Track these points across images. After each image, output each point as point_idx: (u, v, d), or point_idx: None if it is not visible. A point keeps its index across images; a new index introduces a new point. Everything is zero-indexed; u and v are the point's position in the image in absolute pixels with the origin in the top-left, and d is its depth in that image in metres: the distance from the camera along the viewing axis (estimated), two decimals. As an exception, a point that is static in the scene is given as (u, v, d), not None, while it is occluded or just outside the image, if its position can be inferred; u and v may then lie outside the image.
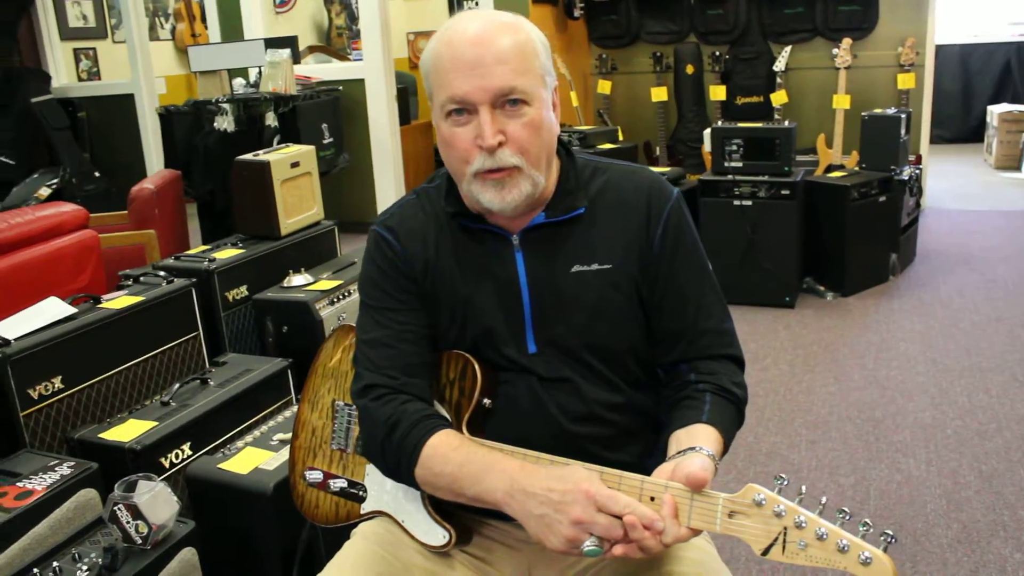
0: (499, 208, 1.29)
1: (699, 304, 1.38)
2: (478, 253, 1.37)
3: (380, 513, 1.45)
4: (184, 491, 2.26)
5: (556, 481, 1.16)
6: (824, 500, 1.07)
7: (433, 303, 1.39)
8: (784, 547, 1.05)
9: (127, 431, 2.33)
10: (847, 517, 1.04)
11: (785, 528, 1.05)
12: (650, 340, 1.40)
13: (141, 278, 2.99)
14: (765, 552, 1.05)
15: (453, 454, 1.27)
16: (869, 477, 2.87)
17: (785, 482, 1.09)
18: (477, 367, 1.36)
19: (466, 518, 1.41)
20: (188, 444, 2.39)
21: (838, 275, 4.68)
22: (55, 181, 6.88)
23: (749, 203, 4.46)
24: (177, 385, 2.57)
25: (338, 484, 1.52)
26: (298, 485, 1.58)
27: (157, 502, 1.91)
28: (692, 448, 1.18)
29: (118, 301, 2.76)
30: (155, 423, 2.36)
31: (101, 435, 2.30)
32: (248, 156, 3.43)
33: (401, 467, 1.31)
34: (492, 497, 1.21)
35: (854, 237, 4.58)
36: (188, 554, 1.96)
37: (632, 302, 1.36)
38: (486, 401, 1.36)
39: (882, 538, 1.02)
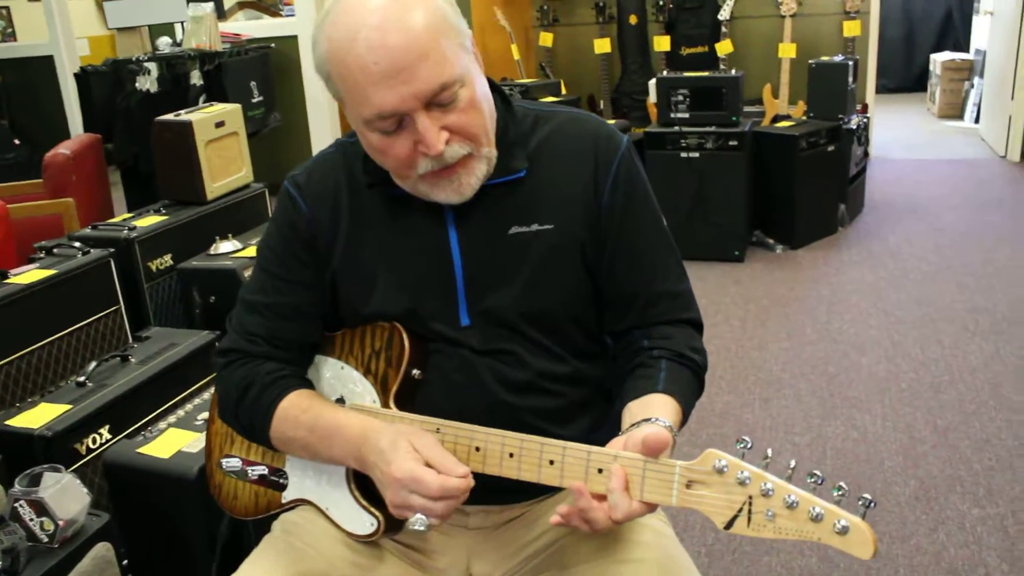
0: (460, 200, 1.16)
1: (653, 265, 1.25)
2: (402, 224, 1.23)
3: (303, 502, 1.31)
4: (103, 479, 2.10)
5: (379, 458, 1.11)
6: (793, 464, 0.95)
7: (341, 278, 1.26)
8: (750, 519, 0.93)
9: (37, 416, 2.16)
10: (819, 481, 0.93)
11: (750, 497, 0.94)
12: (600, 306, 1.27)
13: (55, 250, 2.81)
14: (728, 525, 0.94)
15: (303, 417, 1.19)
16: (825, 435, 2.80)
17: (748, 445, 0.97)
18: (405, 336, 1.22)
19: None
20: (107, 428, 2.23)
21: (787, 227, 4.61)
22: (-28, 149, 6.54)
23: (696, 155, 4.36)
24: (94, 364, 2.39)
25: (257, 471, 1.37)
26: (215, 474, 1.43)
27: (65, 496, 1.75)
28: (647, 420, 1.06)
29: (27, 275, 2.57)
30: (69, 406, 2.19)
31: (8, 422, 2.12)
32: (169, 116, 3.22)
33: (256, 432, 1.24)
34: (344, 463, 1.18)
35: (803, 188, 4.51)
36: (102, 550, 1.81)
37: (576, 266, 1.23)
38: (415, 372, 1.22)
39: (860, 503, 0.91)
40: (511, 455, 1.08)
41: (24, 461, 1.91)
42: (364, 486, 1.24)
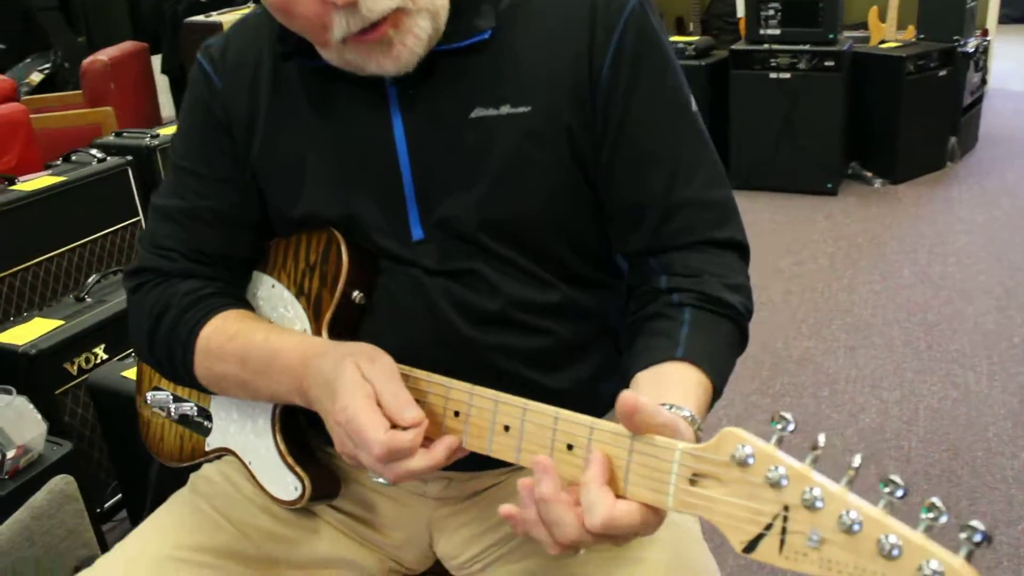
0: (398, 71, 0.84)
1: (672, 162, 0.90)
2: (336, 107, 0.92)
3: (227, 451, 1.04)
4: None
5: (323, 391, 0.83)
6: (858, 462, 0.59)
7: (263, 172, 0.96)
8: (783, 541, 0.59)
9: (26, 332, 1.99)
10: (898, 494, 0.57)
11: (786, 508, 0.59)
12: (600, 221, 0.94)
13: (73, 157, 2.63)
14: (749, 548, 0.61)
15: (230, 346, 0.91)
16: (918, 392, 2.43)
17: (790, 427, 0.62)
18: (343, 247, 0.92)
19: (335, 460, 0.99)
20: (102, 347, 2.05)
21: (888, 159, 4.13)
22: (47, 66, 6.47)
23: (787, 76, 3.92)
24: (95, 278, 2.18)
25: (180, 409, 1.10)
26: (143, 410, 1.16)
27: (17, 421, 1.54)
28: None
29: (35, 182, 2.39)
30: (61, 322, 2.00)
31: (-6, 337, 1.94)
32: (199, 18, 2.97)
33: (179, 370, 0.96)
34: (290, 401, 0.90)
35: (908, 116, 4.02)
36: (61, 483, 1.60)
37: (562, 162, 0.89)
38: (356, 295, 0.92)
39: (963, 535, 0.54)
40: (456, 413, 0.78)
41: (7, 381, 1.73)
42: (293, 436, 0.97)
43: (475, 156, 0.88)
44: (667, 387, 0.78)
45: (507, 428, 0.73)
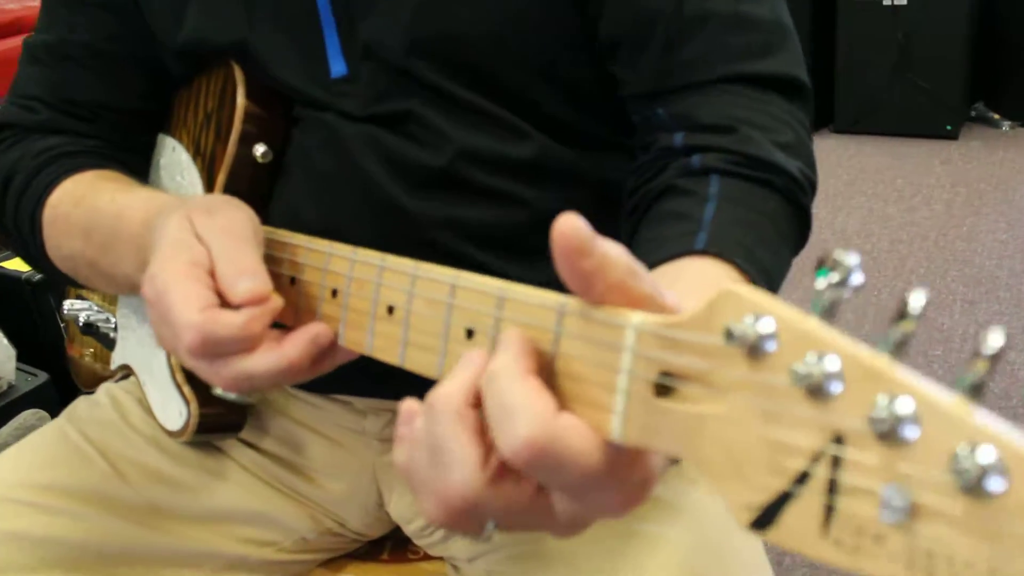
0: None
1: None
2: None
3: (130, 370, 0.80)
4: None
5: (158, 255, 0.55)
6: (998, 340, 0.27)
7: None
8: (831, 510, 0.29)
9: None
10: None
11: (839, 440, 0.29)
12: (595, 50, 0.66)
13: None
14: (762, 521, 0.31)
15: (76, 214, 0.68)
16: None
17: (853, 279, 0.31)
18: (239, 84, 0.67)
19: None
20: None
21: (1018, 98, 3.65)
22: None
23: (904, 2, 3.47)
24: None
25: (90, 316, 0.87)
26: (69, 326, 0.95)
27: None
28: None
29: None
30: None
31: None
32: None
33: (31, 252, 0.74)
34: (132, 285, 0.63)
35: (1046, 49, 3.53)
36: (32, 418, 1.42)
37: None
38: (258, 150, 0.68)
39: None
40: (334, 293, 0.51)
41: (8, 312, 1.60)
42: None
43: None
44: (681, 297, 0.50)
45: (391, 310, 0.46)
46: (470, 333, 0.41)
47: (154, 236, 0.56)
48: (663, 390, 0.34)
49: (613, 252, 0.36)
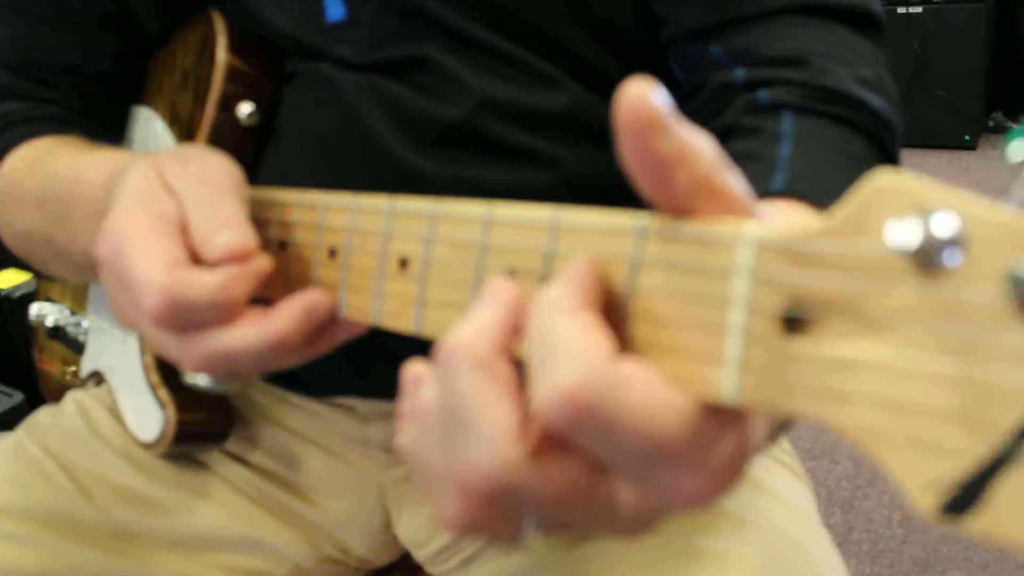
0: None
1: None
2: None
3: (100, 378, 0.71)
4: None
5: (116, 209, 0.45)
6: None
7: None
8: None
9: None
10: None
11: None
12: None
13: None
14: (959, 503, 0.21)
15: (29, 183, 0.58)
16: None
17: None
18: (219, 34, 0.58)
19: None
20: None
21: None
22: None
23: (919, 10, 3.40)
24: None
25: (59, 319, 0.78)
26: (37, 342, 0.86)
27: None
28: None
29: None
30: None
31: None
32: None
33: None
34: (87, 256, 0.50)
35: (1065, 56, 3.45)
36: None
37: None
38: (243, 109, 0.58)
39: None
40: (332, 253, 0.41)
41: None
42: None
43: None
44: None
45: (404, 263, 0.36)
46: (512, 273, 0.31)
47: (114, 195, 0.46)
48: (793, 324, 0.24)
49: (696, 138, 0.27)
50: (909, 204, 0.22)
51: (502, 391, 0.28)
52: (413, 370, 0.31)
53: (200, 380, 0.42)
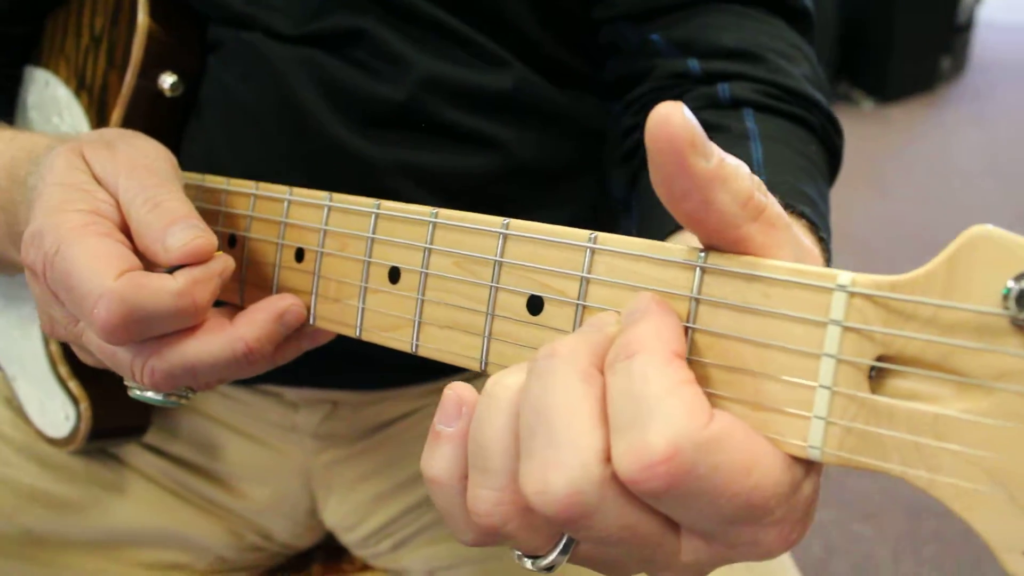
0: None
1: None
2: None
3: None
4: None
5: (40, 206, 0.39)
6: None
7: None
8: None
9: None
10: None
11: None
12: None
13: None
14: None
15: None
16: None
17: None
18: (140, -8, 0.53)
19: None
20: None
21: (878, 77, 3.77)
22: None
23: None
24: None
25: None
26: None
27: None
28: None
29: None
30: None
31: None
32: None
33: None
34: (9, 259, 0.48)
35: (903, 29, 3.65)
36: None
37: None
38: (165, 80, 0.54)
39: None
40: (298, 255, 0.39)
41: None
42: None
43: None
44: None
45: (395, 275, 0.34)
46: (535, 304, 0.30)
47: (28, 186, 0.42)
48: (881, 380, 0.24)
49: (732, 157, 0.26)
50: (1014, 262, 0.22)
51: (595, 408, 0.26)
52: (460, 394, 0.29)
53: (150, 395, 0.39)
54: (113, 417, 0.56)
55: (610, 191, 0.56)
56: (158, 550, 0.61)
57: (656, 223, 0.44)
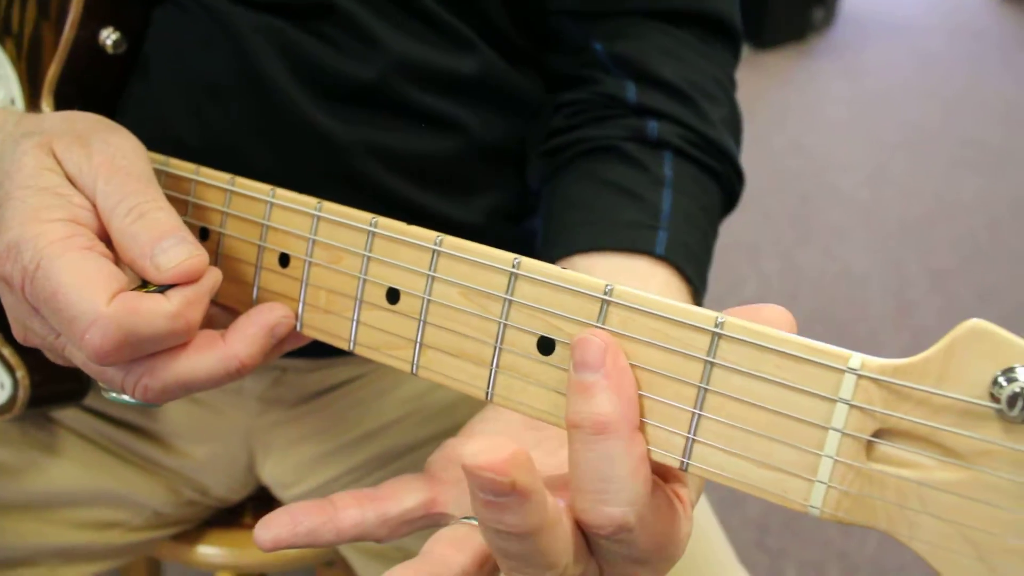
0: None
1: None
2: None
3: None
4: None
5: (12, 212, 0.37)
6: None
7: None
8: None
9: None
10: None
11: None
12: None
13: None
14: None
15: None
16: (799, 263, 2.25)
17: None
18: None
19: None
20: None
21: (756, 23, 3.88)
22: None
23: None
24: None
25: None
26: None
27: None
28: None
29: None
30: None
31: None
32: None
33: None
34: None
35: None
36: None
37: None
38: (107, 35, 0.52)
39: None
40: (283, 260, 0.39)
41: None
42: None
43: None
44: None
45: (394, 296, 0.35)
46: (546, 345, 0.31)
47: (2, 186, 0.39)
48: (876, 449, 0.27)
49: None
50: (1003, 357, 0.25)
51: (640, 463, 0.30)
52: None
53: (126, 397, 0.38)
54: (52, 383, 0.54)
55: (527, 177, 0.58)
56: (95, 508, 0.61)
57: (563, 238, 0.49)
